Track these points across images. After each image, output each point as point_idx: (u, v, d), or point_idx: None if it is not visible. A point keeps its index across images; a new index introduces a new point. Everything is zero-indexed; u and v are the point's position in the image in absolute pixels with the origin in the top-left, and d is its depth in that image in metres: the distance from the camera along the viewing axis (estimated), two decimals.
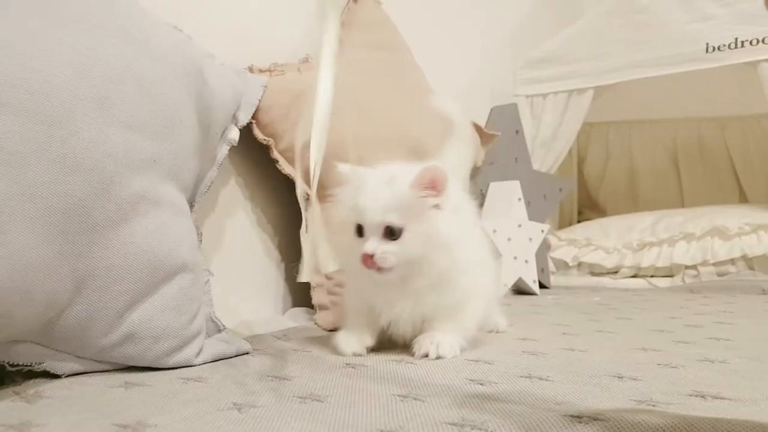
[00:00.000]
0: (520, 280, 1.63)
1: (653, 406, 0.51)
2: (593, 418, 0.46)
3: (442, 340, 0.76)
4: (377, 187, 0.74)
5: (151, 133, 0.67)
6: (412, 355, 0.76)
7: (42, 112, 0.55)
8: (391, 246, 0.72)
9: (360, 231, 0.74)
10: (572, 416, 0.46)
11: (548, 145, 2.11)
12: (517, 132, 1.85)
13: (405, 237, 0.72)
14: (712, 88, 2.25)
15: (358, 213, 0.73)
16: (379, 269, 0.72)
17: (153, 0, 0.83)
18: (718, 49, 1.82)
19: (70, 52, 0.60)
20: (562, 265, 2.04)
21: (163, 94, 0.71)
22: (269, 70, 1.12)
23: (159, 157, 0.68)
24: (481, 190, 1.71)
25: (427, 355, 0.74)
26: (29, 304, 0.55)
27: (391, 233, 0.72)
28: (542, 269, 1.84)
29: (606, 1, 2.06)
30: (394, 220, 0.72)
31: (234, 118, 0.95)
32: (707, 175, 2.60)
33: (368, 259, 0.71)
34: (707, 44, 1.84)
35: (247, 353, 0.78)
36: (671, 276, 1.86)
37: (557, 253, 2.06)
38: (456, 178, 0.99)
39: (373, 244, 0.72)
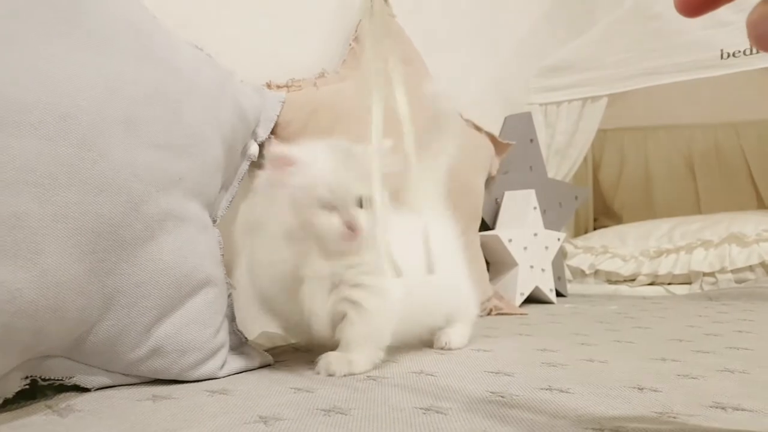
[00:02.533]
0: (536, 288, 1.63)
1: (674, 417, 0.51)
2: (614, 430, 0.46)
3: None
4: (345, 157, 0.73)
5: (176, 152, 0.69)
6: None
7: (72, 134, 0.57)
8: (369, 214, 0.72)
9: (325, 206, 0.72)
10: (594, 429, 0.47)
11: (563, 152, 2.11)
12: (531, 140, 1.85)
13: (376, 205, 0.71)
14: (727, 94, 2.24)
15: (336, 187, 0.71)
16: (359, 236, 0.71)
17: (172, 20, 0.85)
18: (734, 55, 1.82)
19: (97, 75, 0.62)
20: (579, 273, 2.04)
21: (187, 113, 0.72)
22: (287, 86, 1.14)
23: (184, 176, 0.70)
24: (496, 200, 1.72)
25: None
26: (61, 320, 0.57)
27: (360, 205, 0.73)
28: (559, 277, 1.84)
29: (619, 8, 2.06)
30: (371, 191, 0.71)
31: (254, 134, 0.96)
32: (724, 181, 2.59)
33: (355, 228, 0.71)
34: (722, 50, 1.84)
35: (269, 365, 0.80)
36: (689, 283, 1.86)
37: (573, 261, 2.06)
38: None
39: (356, 213, 0.72)
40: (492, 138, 1.64)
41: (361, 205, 0.73)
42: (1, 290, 0.50)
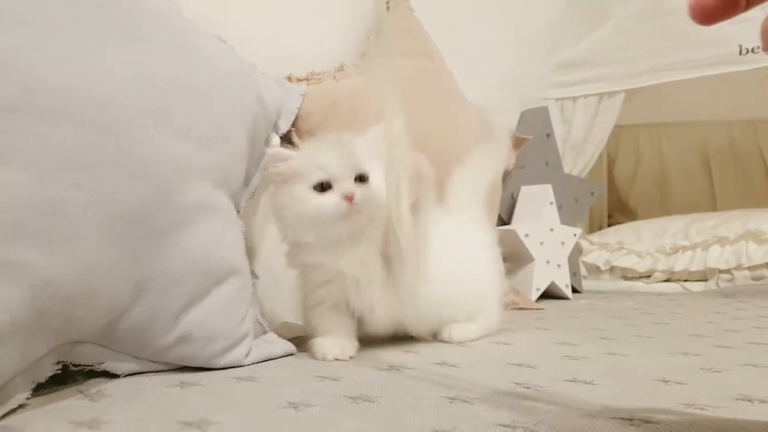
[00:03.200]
0: (552, 284, 1.63)
1: (702, 409, 0.51)
2: (645, 420, 0.46)
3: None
4: (338, 143, 0.77)
5: (205, 142, 0.70)
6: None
7: (108, 123, 0.58)
8: (364, 187, 0.76)
9: (322, 188, 0.76)
10: (623, 419, 0.47)
11: (579, 148, 2.10)
12: (548, 135, 1.85)
13: (372, 180, 0.77)
14: (744, 90, 2.22)
15: (328, 166, 0.75)
16: (357, 209, 0.74)
17: (193, 12, 0.86)
18: (752, 51, 1.80)
19: (131, 65, 0.63)
20: (594, 270, 2.04)
21: (214, 105, 0.74)
22: (306, 79, 1.15)
23: (212, 166, 0.71)
24: (512, 194, 1.72)
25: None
26: (94, 306, 0.58)
27: (360, 180, 0.77)
28: (574, 273, 1.84)
29: (635, 3, 2.04)
30: (365, 167, 0.77)
31: (275, 126, 0.97)
32: (739, 177, 2.57)
33: (351, 198, 0.74)
34: (740, 46, 1.82)
35: (291, 354, 0.81)
36: (705, 280, 1.85)
37: (589, 257, 2.05)
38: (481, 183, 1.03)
39: (352, 186, 0.75)
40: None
41: (359, 180, 0.77)
42: (37, 275, 0.51)
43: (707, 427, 0.45)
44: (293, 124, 1.06)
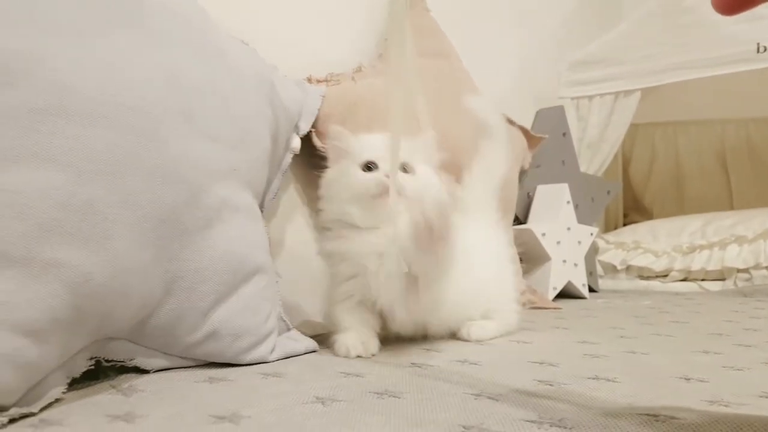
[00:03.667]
0: (569, 283, 1.63)
1: (725, 406, 0.52)
2: (670, 417, 0.47)
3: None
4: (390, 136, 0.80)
5: (230, 143, 0.72)
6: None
7: (138, 125, 0.60)
8: (407, 175, 0.80)
9: (368, 168, 0.80)
10: (648, 415, 0.48)
11: (595, 147, 2.10)
12: (564, 134, 1.85)
13: (417, 173, 0.82)
14: (761, 88, 2.20)
15: (377, 148, 0.80)
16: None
17: (215, 17, 0.87)
18: None
19: (157, 68, 0.65)
20: (610, 269, 2.03)
21: (237, 106, 0.75)
22: (326, 80, 1.16)
23: (237, 167, 0.72)
24: (528, 193, 1.72)
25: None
26: (127, 304, 0.59)
27: (404, 170, 0.81)
28: (590, 272, 1.84)
29: (649, 2, 2.04)
30: (412, 161, 0.81)
31: (296, 128, 0.98)
32: (756, 176, 2.55)
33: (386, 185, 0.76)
34: (758, 44, 1.81)
35: (314, 351, 0.82)
36: (722, 279, 1.84)
37: (605, 257, 2.05)
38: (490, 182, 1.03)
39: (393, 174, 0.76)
40: (524, 131, 1.64)
41: (404, 170, 0.81)
42: (75, 273, 0.53)
43: (732, 423, 0.45)
44: (313, 125, 1.07)
